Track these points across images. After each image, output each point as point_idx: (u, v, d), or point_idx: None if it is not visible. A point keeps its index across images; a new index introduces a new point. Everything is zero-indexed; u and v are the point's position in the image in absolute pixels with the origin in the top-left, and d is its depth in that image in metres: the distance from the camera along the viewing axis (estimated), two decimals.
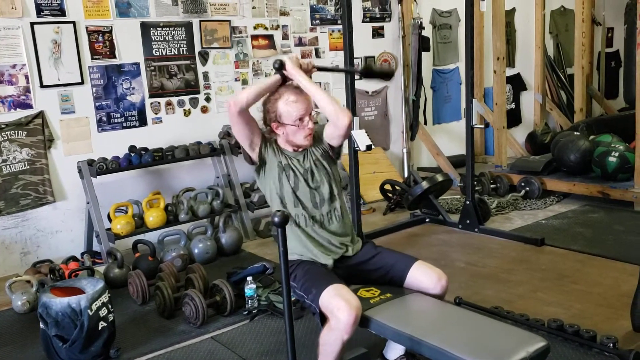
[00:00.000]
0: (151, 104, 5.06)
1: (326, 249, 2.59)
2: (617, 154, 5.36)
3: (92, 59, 4.73)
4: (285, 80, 2.56)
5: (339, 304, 2.27)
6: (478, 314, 2.52)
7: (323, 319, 2.39)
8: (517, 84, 7.82)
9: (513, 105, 7.78)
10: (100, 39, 4.75)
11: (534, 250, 4.34)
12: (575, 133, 5.99)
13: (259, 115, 2.61)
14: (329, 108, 2.50)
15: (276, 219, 1.96)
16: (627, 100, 7.59)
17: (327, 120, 2.59)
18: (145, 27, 4.97)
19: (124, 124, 4.94)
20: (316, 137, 2.61)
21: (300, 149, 2.62)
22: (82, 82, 4.70)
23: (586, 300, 3.43)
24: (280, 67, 2.54)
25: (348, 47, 4.22)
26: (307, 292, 2.44)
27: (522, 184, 5.83)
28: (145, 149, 4.77)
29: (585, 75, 7.39)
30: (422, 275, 2.54)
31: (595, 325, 3.03)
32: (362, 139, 4.00)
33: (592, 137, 5.87)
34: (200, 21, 5.24)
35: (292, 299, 2.34)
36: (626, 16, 7.45)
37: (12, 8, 4.35)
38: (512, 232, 4.75)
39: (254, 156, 2.57)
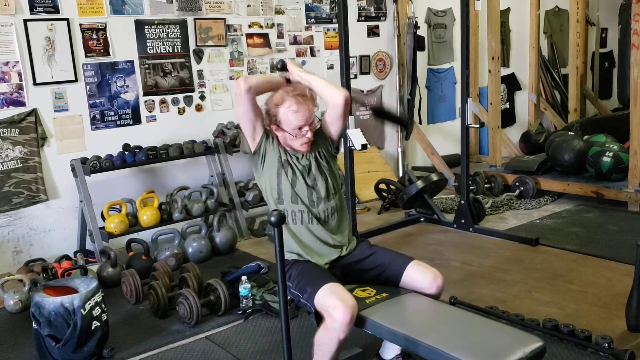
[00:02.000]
0: (145, 102, 5.04)
1: (320, 250, 2.57)
2: (611, 154, 5.37)
3: (86, 56, 4.70)
4: (288, 81, 2.59)
5: (334, 303, 2.26)
6: (474, 314, 2.51)
7: (318, 318, 2.38)
8: (511, 83, 7.83)
9: (507, 105, 7.80)
10: (94, 36, 4.72)
11: (528, 250, 4.34)
12: (569, 133, 5.99)
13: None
14: (325, 91, 2.53)
15: (272, 219, 1.94)
16: (621, 101, 7.62)
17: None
18: (140, 25, 4.94)
19: (118, 122, 4.91)
20: (317, 133, 2.59)
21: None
22: (76, 80, 4.67)
23: (581, 300, 3.44)
24: (282, 67, 2.61)
25: (344, 46, 4.20)
26: (302, 292, 2.43)
27: (517, 184, 5.84)
28: (139, 148, 4.74)
29: (580, 76, 7.42)
30: (418, 275, 2.53)
31: (590, 325, 3.03)
32: (357, 138, 3.99)
33: (586, 137, 5.89)
34: (195, 19, 5.21)
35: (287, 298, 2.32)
36: (620, 16, 7.47)
37: (5, 5, 4.31)
38: (506, 232, 4.75)
39: (253, 145, 2.55)
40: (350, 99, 2.55)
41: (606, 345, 2.78)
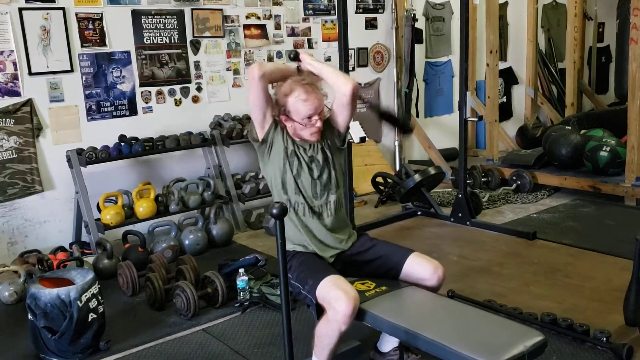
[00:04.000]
0: (142, 93, 5.00)
1: (321, 242, 2.57)
2: (608, 149, 5.37)
3: (82, 46, 4.65)
4: (299, 70, 2.60)
5: (336, 295, 2.25)
6: (474, 308, 2.51)
7: (319, 310, 2.37)
8: (508, 77, 7.82)
9: (504, 99, 7.78)
10: (90, 26, 4.67)
11: (525, 244, 4.34)
12: (566, 127, 5.99)
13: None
14: (334, 79, 2.54)
15: (274, 211, 1.92)
16: (618, 95, 7.61)
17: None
18: (136, 15, 4.89)
19: (114, 113, 4.87)
20: (325, 124, 2.58)
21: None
22: (72, 70, 4.62)
23: (579, 294, 3.44)
24: (295, 57, 2.64)
25: (343, 39, 4.18)
26: (303, 283, 2.43)
27: (514, 178, 5.84)
28: (136, 139, 4.71)
29: (577, 70, 7.41)
30: (419, 266, 2.53)
31: (588, 319, 3.03)
32: (355, 131, 4.00)
33: (583, 131, 5.88)
34: (192, 10, 5.17)
35: None
36: (618, 11, 7.46)
37: None
38: (503, 226, 4.75)
39: (261, 134, 2.54)
40: (357, 91, 2.53)
41: (604, 339, 2.78)
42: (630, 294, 2.98)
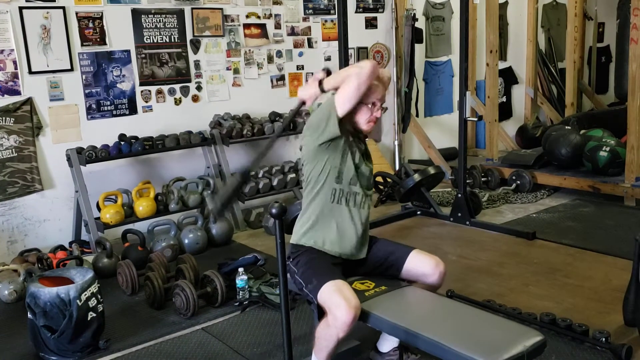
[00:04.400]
0: (142, 92, 5.00)
1: (354, 239, 2.57)
2: (608, 149, 5.37)
3: (82, 45, 4.65)
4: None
5: (338, 302, 2.24)
6: (474, 308, 2.52)
7: (320, 309, 2.37)
8: (508, 77, 7.82)
9: (504, 99, 7.78)
10: (91, 25, 4.67)
11: (525, 244, 4.34)
12: (566, 127, 5.99)
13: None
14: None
15: (274, 210, 1.93)
16: (617, 95, 7.62)
17: None
18: (137, 14, 4.89)
19: (114, 112, 4.87)
20: None
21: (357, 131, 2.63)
22: (72, 69, 4.62)
23: (578, 295, 3.44)
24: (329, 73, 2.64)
25: (343, 38, 4.19)
26: (307, 281, 2.42)
27: (513, 178, 5.84)
28: (136, 138, 4.71)
29: (577, 70, 7.41)
30: (420, 263, 2.55)
31: (587, 319, 3.03)
32: None
33: (583, 131, 5.88)
34: (192, 9, 5.17)
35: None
36: (619, 11, 7.46)
37: None
38: (503, 226, 4.75)
39: (337, 126, 2.46)
40: (376, 68, 2.54)
41: (603, 339, 2.78)
42: (629, 294, 2.99)
